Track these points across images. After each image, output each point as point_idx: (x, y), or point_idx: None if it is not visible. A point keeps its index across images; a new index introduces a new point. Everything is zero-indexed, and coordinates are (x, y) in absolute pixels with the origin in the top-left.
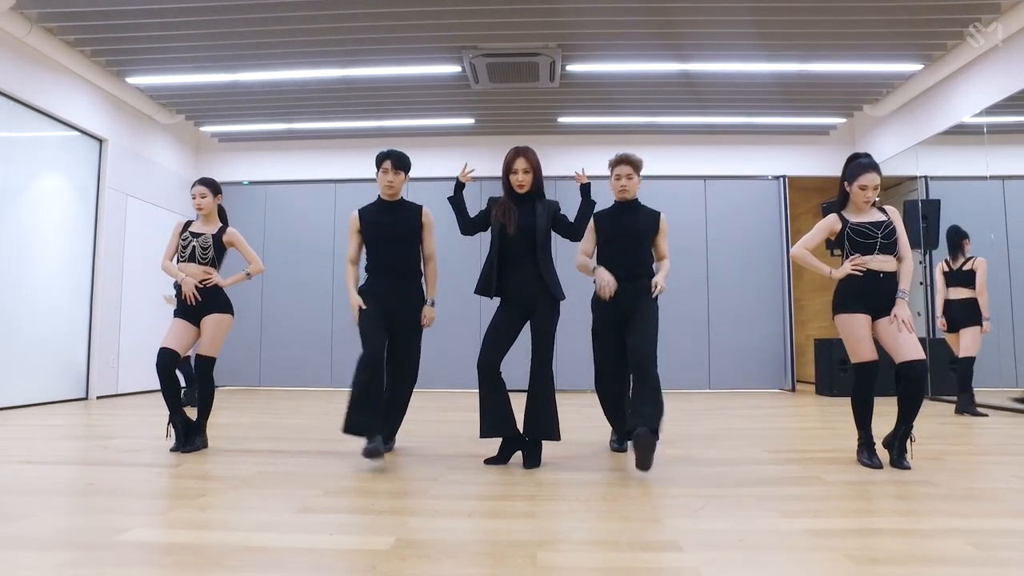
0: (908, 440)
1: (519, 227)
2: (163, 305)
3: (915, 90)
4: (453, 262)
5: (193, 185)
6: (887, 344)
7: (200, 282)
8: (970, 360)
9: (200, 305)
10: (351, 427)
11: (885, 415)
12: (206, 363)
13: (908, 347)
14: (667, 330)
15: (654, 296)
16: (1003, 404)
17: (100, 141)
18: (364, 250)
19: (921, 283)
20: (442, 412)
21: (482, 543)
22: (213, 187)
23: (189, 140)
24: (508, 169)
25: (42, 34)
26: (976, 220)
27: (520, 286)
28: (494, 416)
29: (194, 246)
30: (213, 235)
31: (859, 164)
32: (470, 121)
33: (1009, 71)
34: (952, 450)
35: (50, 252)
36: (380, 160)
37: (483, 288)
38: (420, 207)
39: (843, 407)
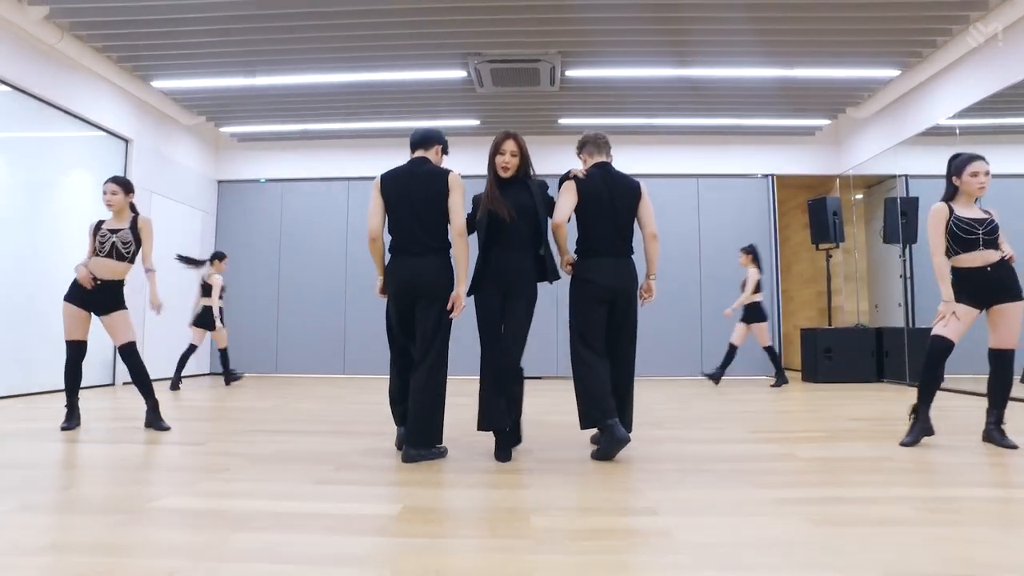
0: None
1: (517, 212)
2: (179, 296)
3: (894, 94)
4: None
5: (105, 182)
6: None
7: (102, 281)
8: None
9: (101, 299)
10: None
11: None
12: (130, 348)
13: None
14: (662, 320)
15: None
16: (978, 391)
17: (126, 141)
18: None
19: (901, 276)
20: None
21: (482, 509)
22: (124, 185)
23: (209, 140)
24: (496, 150)
25: (73, 41)
26: None
27: (502, 270)
28: (496, 413)
29: (114, 242)
30: (129, 227)
31: (967, 155)
32: (475, 122)
33: (980, 77)
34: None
35: (79, 246)
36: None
37: (478, 280)
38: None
39: (826, 392)
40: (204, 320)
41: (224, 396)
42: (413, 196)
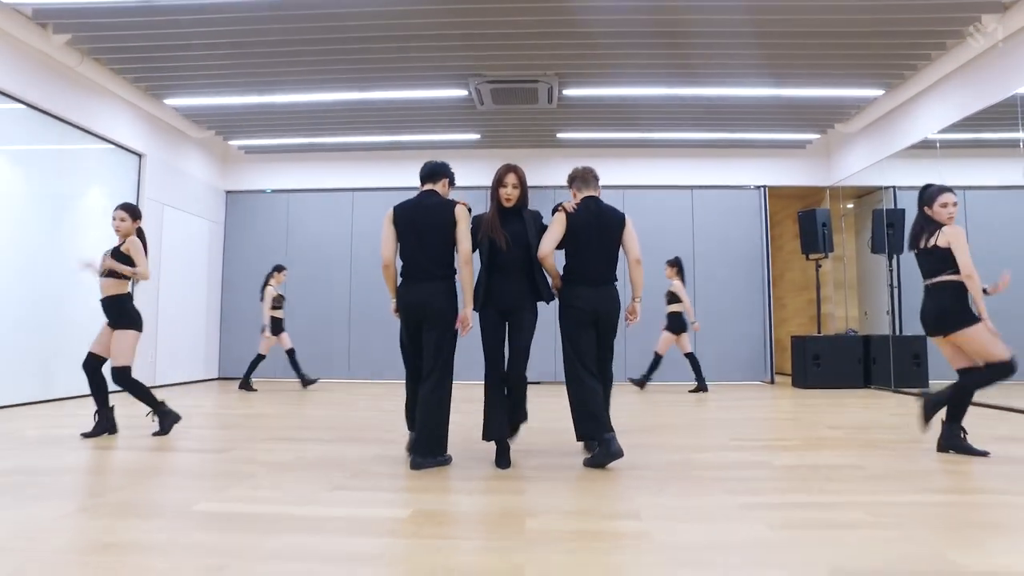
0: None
1: (512, 240)
2: (195, 304)
3: (879, 111)
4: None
5: (115, 209)
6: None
7: (102, 298)
8: None
9: (109, 319)
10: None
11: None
12: (118, 372)
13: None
14: (655, 327)
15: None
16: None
17: (139, 156)
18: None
19: (888, 285)
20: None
21: (482, 513)
22: (132, 212)
23: (217, 152)
24: (499, 182)
25: (92, 63)
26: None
27: (503, 294)
28: (498, 424)
29: (99, 262)
30: (114, 249)
31: (937, 187)
32: (476, 136)
33: (960, 96)
34: (895, 440)
35: (96, 255)
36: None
37: (480, 301)
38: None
39: (813, 399)
40: (277, 328)
41: (235, 403)
42: (421, 227)
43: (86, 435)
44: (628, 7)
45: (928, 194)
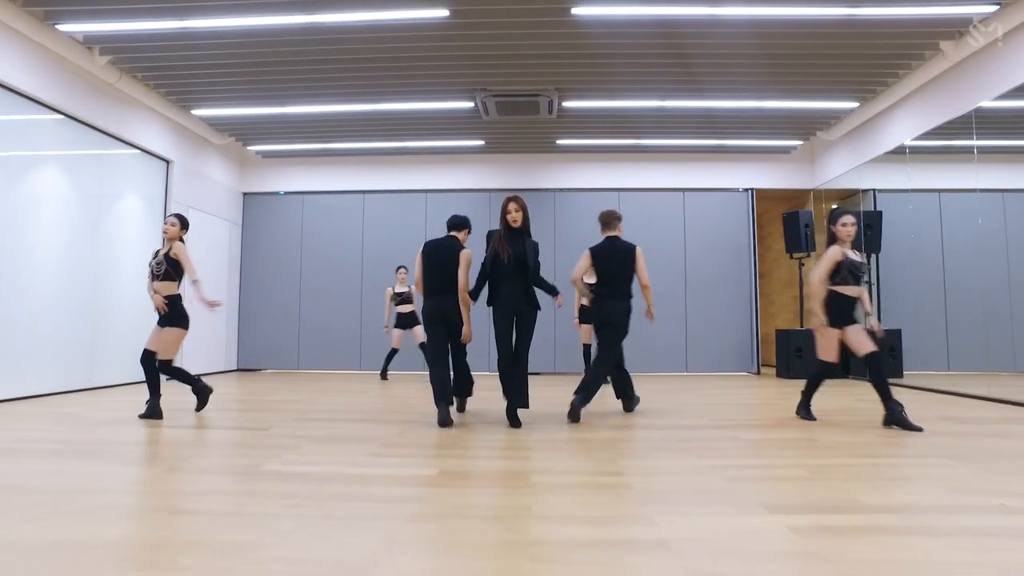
0: (900, 407)
1: (513, 257)
2: (213, 298)
3: (856, 121)
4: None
5: (168, 216)
6: (855, 343)
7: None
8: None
9: (162, 317)
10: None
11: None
12: (163, 364)
13: (868, 344)
14: (643, 324)
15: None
16: (930, 386)
17: (167, 162)
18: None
19: (866, 282)
20: None
21: (496, 471)
22: (182, 221)
23: (235, 156)
24: (504, 210)
25: (128, 80)
26: (913, 226)
27: (510, 298)
28: (508, 390)
29: (151, 265)
30: (165, 254)
31: (840, 210)
32: (481, 143)
33: (928, 110)
34: (853, 420)
35: (127, 256)
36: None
37: (478, 295)
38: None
39: (794, 388)
40: (401, 323)
41: (264, 391)
42: (440, 260)
43: (142, 416)
44: (625, 28)
45: (832, 216)
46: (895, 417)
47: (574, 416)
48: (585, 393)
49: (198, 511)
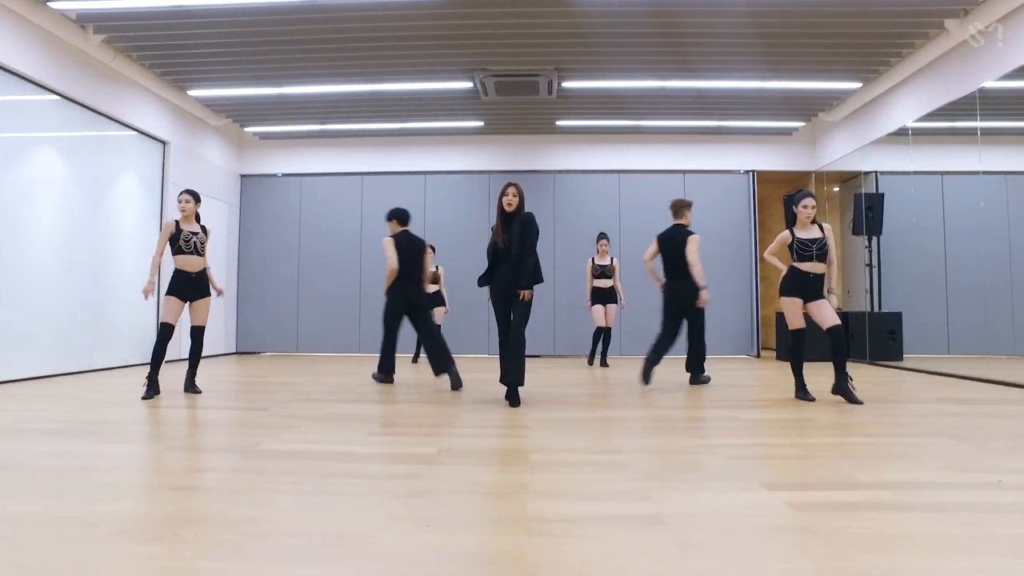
0: (848, 381)
1: (508, 242)
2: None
3: (859, 102)
4: (471, 259)
5: (181, 192)
6: (817, 317)
7: (195, 273)
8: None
9: (196, 289)
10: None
11: (822, 374)
12: (202, 332)
13: (831, 318)
14: (652, 305)
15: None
16: (929, 368)
17: (164, 143)
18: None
19: (867, 264)
20: (462, 372)
21: (494, 449)
22: (196, 196)
23: (233, 138)
24: (502, 193)
25: (124, 60)
26: (915, 208)
27: (504, 284)
28: (505, 370)
29: (195, 242)
30: (203, 233)
31: (802, 192)
32: (480, 123)
33: (931, 90)
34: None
35: (125, 238)
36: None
37: (485, 282)
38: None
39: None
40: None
41: (262, 373)
42: (412, 251)
43: (190, 392)
44: (625, 7)
45: (795, 198)
46: (845, 393)
47: (702, 380)
48: (696, 370)
49: (200, 487)
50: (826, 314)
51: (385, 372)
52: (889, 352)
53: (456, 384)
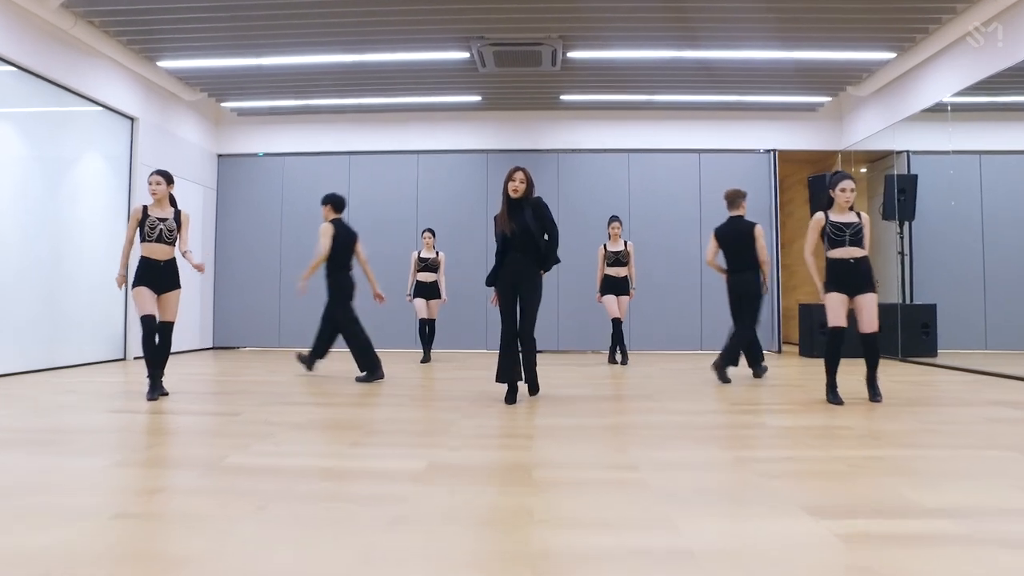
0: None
1: (520, 228)
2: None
3: (892, 74)
4: (467, 245)
5: (151, 174)
6: (857, 314)
7: (162, 262)
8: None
9: (164, 280)
10: None
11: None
12: (170, 328)
13: (868, 323)
14: (664, 295)
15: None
16: (967, 366)
17: (132, 120)
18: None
19: (899, 252)
20: (457, 370)
21: (492, 464)
22: (168, 177)
23: (209, 115)
24: (508, 178)
25: (85, 26)
26: (951, 191)
27: (512, 273)
28: (508, 370)
29: (161, 229)
30: (174, 218)
31: (840, 174)
32: (477, 98)
33: (975, 60)
34: (888, 403)
35: (89, 223)
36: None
37: (493, 278)
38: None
39: (818, 367)
40: (422, 292)
41: (240, 370)
42: (349, 240)
43: (152, 399)
44: None
45: (831, 180)
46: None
47: (724, 378)
48: (725, 360)
49: (148, 513)
50: (865, 316)
51: (370, 369)
52: (922, 347)
53: (309, 366)
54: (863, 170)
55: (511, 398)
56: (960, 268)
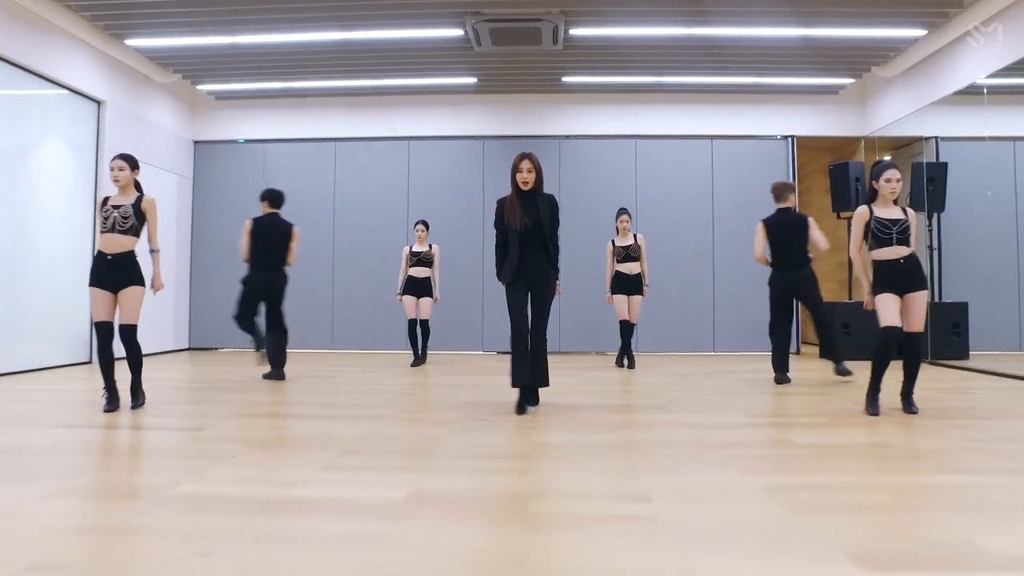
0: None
1: (532, 222)
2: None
3: (921, 53)
4: (460, 237)
5: (112, 159)
6: (904, 312)
7: (111, 256)
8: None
9: (117, 276)
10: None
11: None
12: (130, 331)
13: (915, 323)
14: (671, 292)
15: None
16: (1003, 370)
17: (98, 103)
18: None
19: (928, 247)
20: (449, 375)
21: (483, 494)
22: (131, 162)
23: (185, 98)
24: (515, 169)
25: (45, 1)
26: (984, 180)
27: (527, 271)
28: (522, 371)
29: (114, 217)
30: (132, 204)
31: (884, 163)
32: (472, 80)
33: (1014, 36)
34: (929, 416)
35: (51, 215)
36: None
37: (510, 276)
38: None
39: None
40: (413, 288)
41: (214, 375)
42: (269, 235)
43: (109, 410)
44: None
45: (875, 170)
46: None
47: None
48: (836, 355)
49: (65, 564)
50: (913, 316)
51: (275, 366)
52: (953, 349)
53: (277, 376)
54: (886, 158)
55: (523, 407)
56: (993, 263)
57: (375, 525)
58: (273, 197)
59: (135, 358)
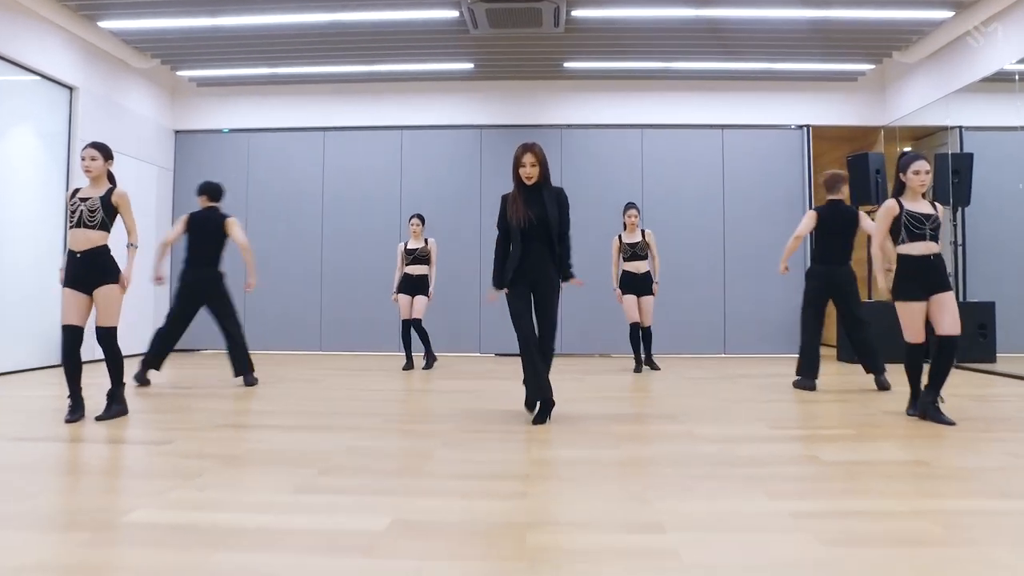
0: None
1: (537, 218)
2: (138, 264)
3: (946, 37)
4: (456, 232)
5: (84, 148)
6: (934, 315)
7: (79, 253)
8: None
9: (88, 274)
10: None
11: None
12: (108, 333)
13: (950, 324)
14: (679, 291)
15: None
16: None
17: (70, 89)
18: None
19: (952, 243)
20: (444, 379)
21: (474, 523)
22: (104, 151)
23: (165, 85)
24: (517, 163)
25: None
26: (1014, 173)
27: (528, 269)
28: (538, 387)
29: (81, 210)
30: (100, 197)
31: (912, 154)
32: (469, 66)
33: None
34: (968, 428)
35: (18, 207)
36: None
37: (510, 274)
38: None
39: (862, 375)
40: (408, 287)
41: (191, 379)
42: (204, 230)
43: (70, 420)
44: None
45: (903, 162)
46: (928, 410)
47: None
48: (877, 364)
49: None
50: (948, 318)
51: (143, 369)
52: (979, 352)
53: (249, 382)
54: (907, 149)
55: (544, 415)
56: (1022, 261)
57: (349, 562)
58: (211, 190)
59: (114, 363)
